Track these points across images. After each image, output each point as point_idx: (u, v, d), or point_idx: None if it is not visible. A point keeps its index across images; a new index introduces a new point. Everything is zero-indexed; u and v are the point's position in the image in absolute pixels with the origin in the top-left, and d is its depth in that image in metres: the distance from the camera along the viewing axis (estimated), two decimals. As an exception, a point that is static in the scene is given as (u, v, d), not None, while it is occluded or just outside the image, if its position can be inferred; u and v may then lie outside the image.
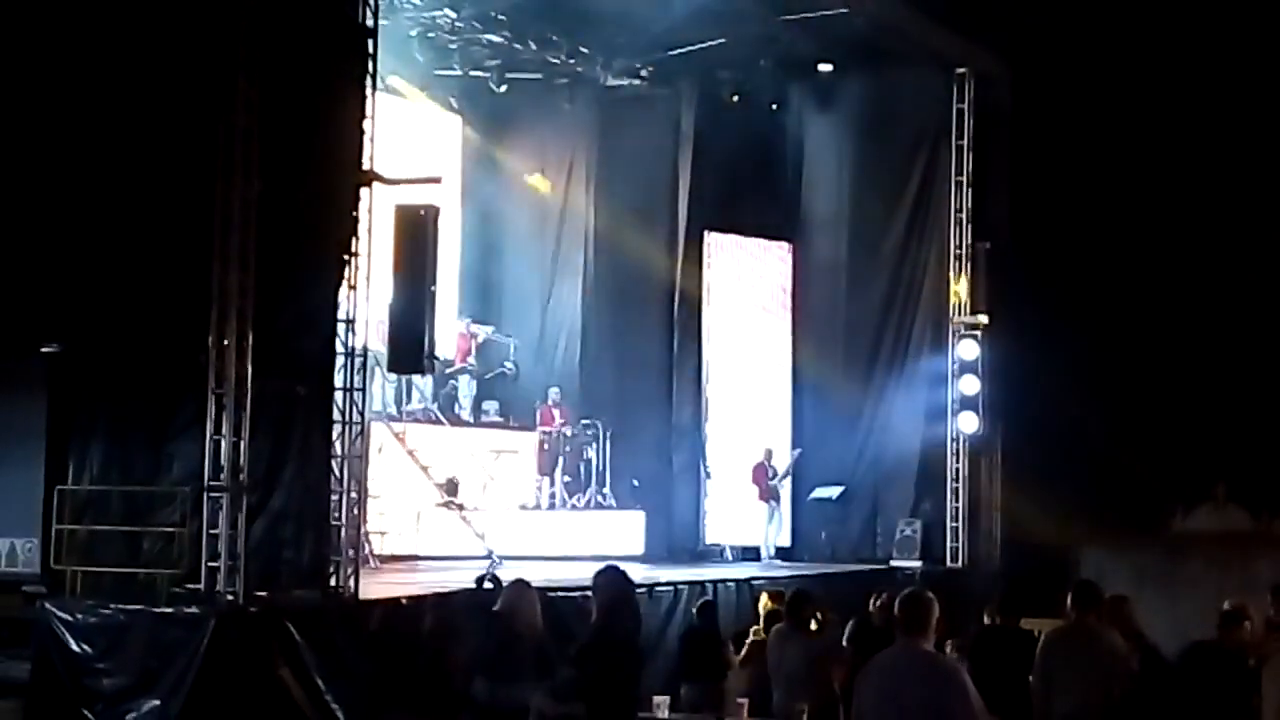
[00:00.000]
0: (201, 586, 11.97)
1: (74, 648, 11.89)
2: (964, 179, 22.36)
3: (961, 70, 22.46)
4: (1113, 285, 22.32)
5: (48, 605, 12.17)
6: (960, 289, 22.39)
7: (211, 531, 12.01)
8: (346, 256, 13.10)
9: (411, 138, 19.59)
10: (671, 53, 21.51)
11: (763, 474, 21.71)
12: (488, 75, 21.41)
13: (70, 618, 11.97)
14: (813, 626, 11.12)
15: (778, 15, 20.52)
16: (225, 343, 12.04)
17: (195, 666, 11.28)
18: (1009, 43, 21.85)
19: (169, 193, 12.42)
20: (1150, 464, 22.58)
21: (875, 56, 22.03)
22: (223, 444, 12.02)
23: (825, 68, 22.56)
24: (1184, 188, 22.23)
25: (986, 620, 11.38)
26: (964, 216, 22.37)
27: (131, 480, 12.55)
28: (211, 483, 12.03)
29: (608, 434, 21.20)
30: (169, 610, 11.72)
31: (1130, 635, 10.11)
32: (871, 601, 12.66)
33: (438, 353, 17.49)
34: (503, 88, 21.53)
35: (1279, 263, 22.27)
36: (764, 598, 13.63)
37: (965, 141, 22.38)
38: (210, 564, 11.98)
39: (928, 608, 7.26)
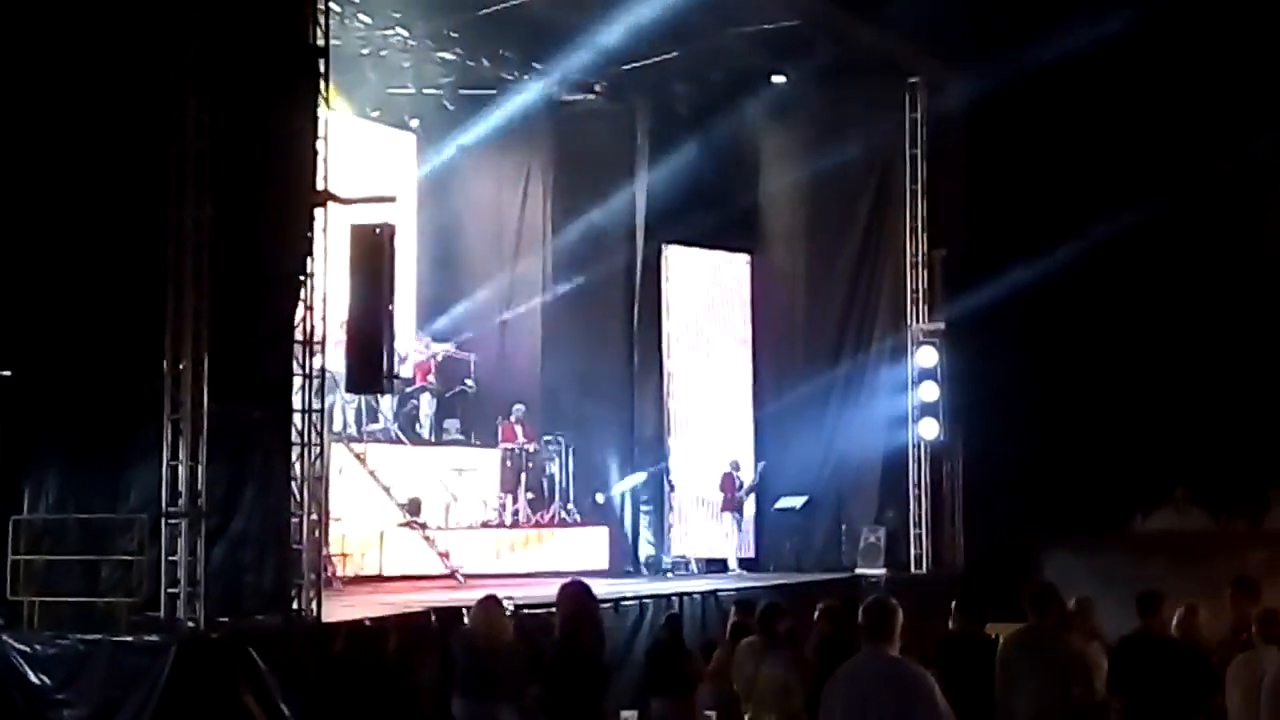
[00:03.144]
0: (162, 614, 11.85)
1: (33, 679, 11.73)
2: (919, 187, 22.46)
3: (914, 79, 22.55)
4: (1069, 290, 22.44)
5: (5, 637, 11.99)
6: (918, 296, 22.45)
7: (171, 558, 11.89)
8: (302, 277, 13.01)
9: (366, 156, 19.52)
10: (625, 67, 21.53)
11: (729, 485, 21.73)
12: (441, 92, 21.36)
13: (29, 649, 11.81)
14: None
15: (730, 28, 20.57)
16: (181, 367, 11.95)
17: (157, 695, 11.14)
18: (960, 51, 21.94)
19: (121, 217, 12.32)
20: (1110, 467, 22.70)
21: (828, 67, 22.07)
22: (180, 469, 11.91)
23: (779, 79, 22.60)
24: (1138, 192, 22.35)
25: (951, 626, 11.36)
26: (919, 224, 22.47)
27: (88, 508, 12.41)
28: (170, 509, 11.92)
29: (570, 449, 21.18)
30: (129, 639, 11.56)
31: (1095, 636, 10.15)
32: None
33: (397, 372, 17.42)
34: (456, 105, 21.48)
35: (1235, 267, 22.44)
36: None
37: (919, 150, 22.49)
38: (170, 591, 11.87)
39: (892, 615, 7.27)
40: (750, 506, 22.27)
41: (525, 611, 13.84)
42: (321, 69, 13.35)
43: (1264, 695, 7.13)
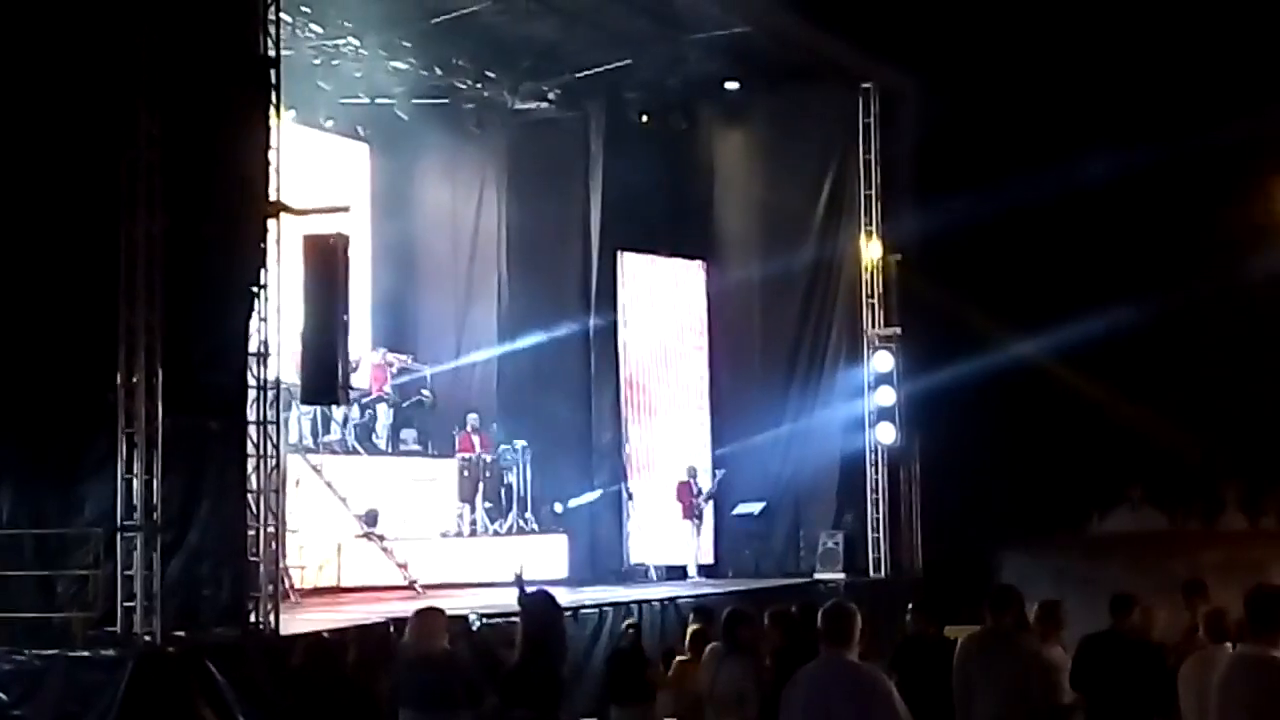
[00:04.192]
0: (118, 628, 11.78)
1: (-11, 697, 11.66)
2: (873, 192, 22.52)
3: (866, 85, 22.62)
4: (1023, 292, 22.56)
5: (-40, 654, 11.92)
6: (873, 301, 22.52)
7: (126, 572, 11.82)
8: (256, 288, 12.97)
9: (319, 167, 19.44)
10: (578, 75, 21.56)
11: (687, 492, 21.74)
12: (394, 102, 21.32)
13: (-16, 666, 11.73)
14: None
15: (683, 35, 20.61)
16: (134, 380, 11.88)
17: (115, 710, 11.08)
18: (913, 56, 22.04)
19: (73, 231, 12.24)
20: (1066, 468, 22.82)
21: (781, 73, 22.17)
22: (135, 483, 11.84)
23: (732, 86, 22.67)
24: (1090, 194, 22.50)
25: (909, 629, 11.40)
26: (874, 229, 22.53)
27: (43, 523, 12.30)
28: (125, 523, 11.85)
29: (527, 458, 21.14)
30: (86, 654, 11.49)
31: (1058, 639, 10.21)
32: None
33: (353, 382, 17.36)
34: (409, 114, 21.45)
35: (1190, 268, 22.58)
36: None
37: (873, 155, 22.54)
38: (126, 605, 11.79)
39: (851, 619, 7.29)
40: (709, 513, 22.27)
41: (486, 621, 13.85)
42: (273, 79, 13.31)
43: (1214, 692, 7.18)
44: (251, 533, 12.92)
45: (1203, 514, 23.18)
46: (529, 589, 11.82)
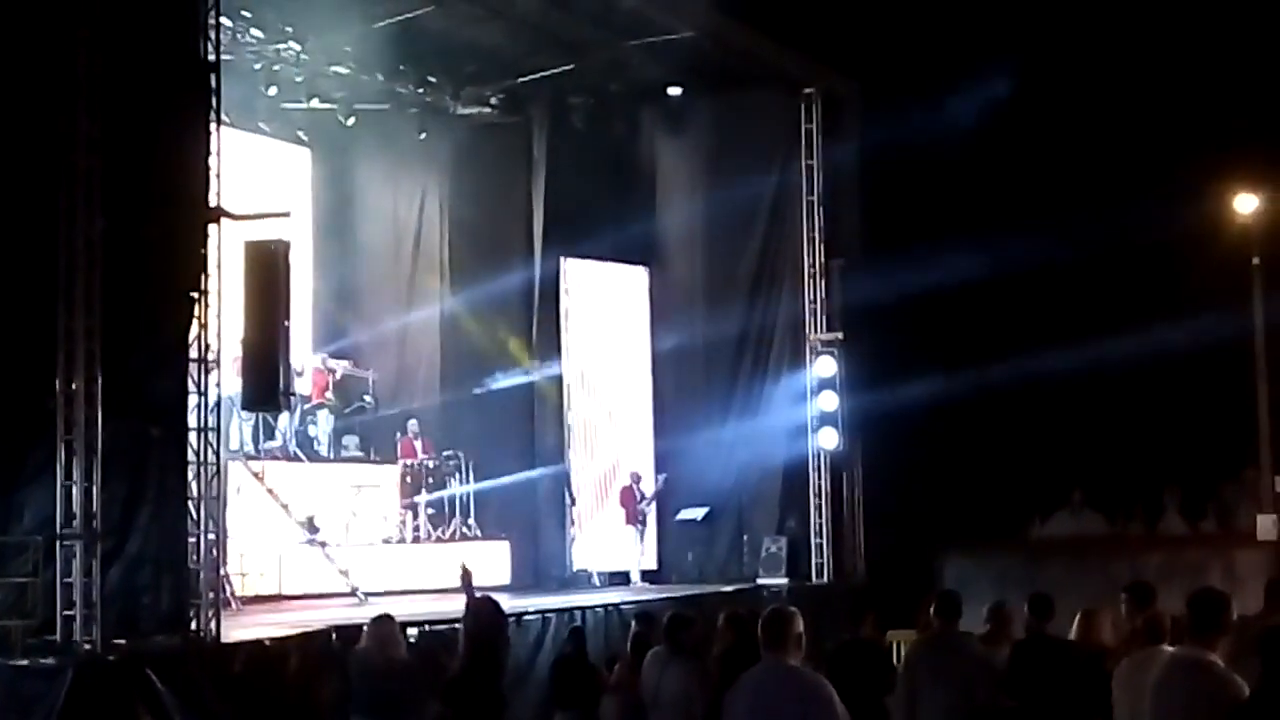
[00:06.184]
0: (58, 637, 11.69)
1: (-75, 707, 11.53)
2: (815, 198, 22.62)
3: (808, 90, 22.72)
4: (967, 298, 22.68)
5: (-104, 664, 11.78)
6: (816, 307, 22.61)
7: (66, 580, 11.73)
8: (196, 294, 12.91)
9: (260, 172, 19.35)
10: (521, 80, 21.54)
11: (630, 497, 21.74)
12: (335, 107, 21.23)
13: (-80, 676, 11.60)
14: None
15: (625, 40, 20.64)
16: (74, 387, 11.79)
17: (54, 719, 11.00)
18: (854, 61, 22.15)
19: (10, 235, 12.12)
20: (1007, 473, 22.96)
21: (723, 79, 22.24)
22: (74, 490, 11.75)
23: (675, 91, 22.73)
24: (1032, 199, 22.67)
25: (851, 634, 11.44)
26: (816, 235, 22.63)
27: (-20, 531, 12.21)
28: (64, 530, 11.76)
29: (470, 464, 21.09)
30: (24, 663, 11.39)
31: (1010, 641, 10.28)
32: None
33: (294, 389, 17.28)
34: (351, 120, 21.36)
35: (1126, 272, 22.77)
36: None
37: (815, 160, 22.64)
38: (66, 613, 11.70)
39: (790, 623, 7.34)
40: (652, 518, 22.29)
41: (428, 628, 13.82)
42: (213, 84, 13.24)
43: (1150, 693, 7.25)
44: (192, 540, 12.84)
45: (1143, 518, 23.35)
46: (476, 594, 11.79)
